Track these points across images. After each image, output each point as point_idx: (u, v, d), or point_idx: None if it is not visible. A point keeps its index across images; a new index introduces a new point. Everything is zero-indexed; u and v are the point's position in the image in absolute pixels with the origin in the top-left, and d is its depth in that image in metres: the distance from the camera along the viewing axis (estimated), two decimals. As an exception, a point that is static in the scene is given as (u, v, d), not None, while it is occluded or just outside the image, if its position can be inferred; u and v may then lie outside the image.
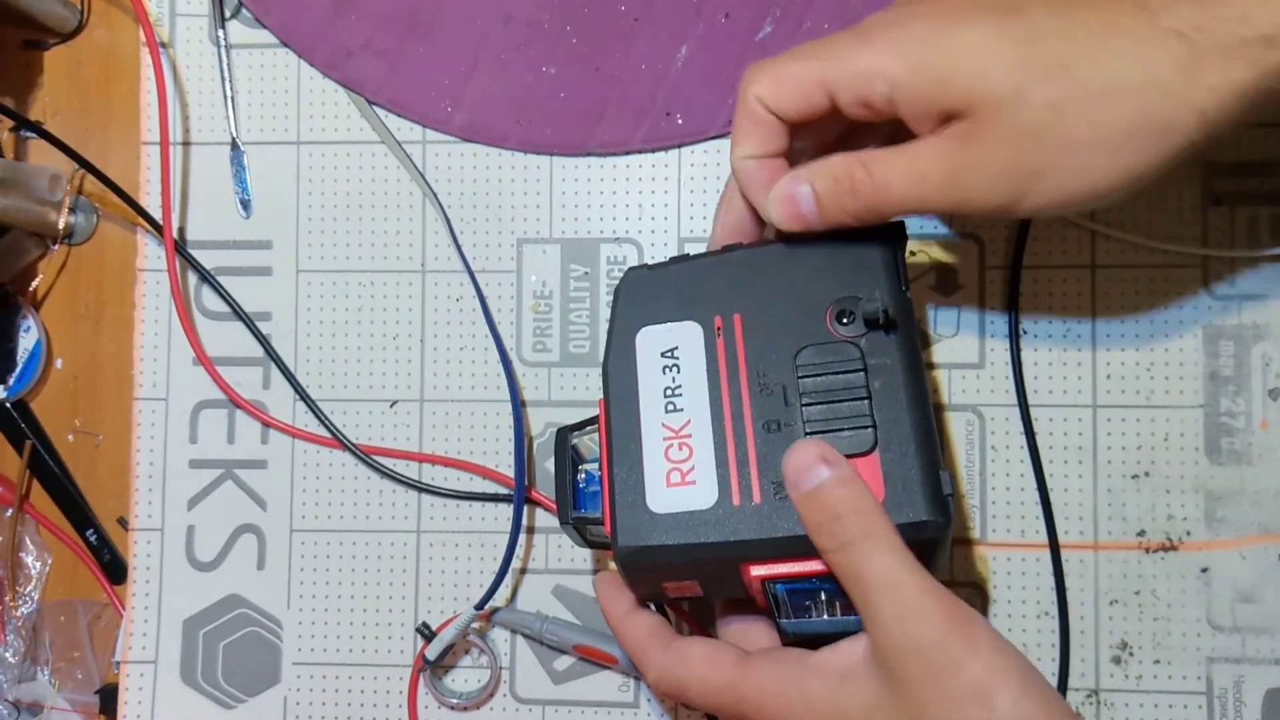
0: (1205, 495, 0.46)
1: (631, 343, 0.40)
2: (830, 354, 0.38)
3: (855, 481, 0.35)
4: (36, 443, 0.51)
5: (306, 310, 0.50)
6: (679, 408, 0.39)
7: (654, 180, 0.49)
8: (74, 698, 0.51)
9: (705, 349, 0.39)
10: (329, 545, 0.50)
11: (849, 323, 0.38)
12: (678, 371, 0.39)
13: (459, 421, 0.49)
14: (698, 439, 0.38)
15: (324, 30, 0.50)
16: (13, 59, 0.52)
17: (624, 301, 0.41)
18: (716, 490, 0.38)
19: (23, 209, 0.49)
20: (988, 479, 0.47)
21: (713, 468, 0.38)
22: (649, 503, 0.38)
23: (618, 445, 0.39)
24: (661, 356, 0.40)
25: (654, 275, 0.41)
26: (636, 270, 0.41)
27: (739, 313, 0.39)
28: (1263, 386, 0.46)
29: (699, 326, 0.40)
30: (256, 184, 0.51)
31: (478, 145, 0.50)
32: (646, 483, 0.38)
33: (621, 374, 0.40)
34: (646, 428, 0.39)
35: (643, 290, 0.41)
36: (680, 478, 0.38)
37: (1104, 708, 0.46)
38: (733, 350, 0.39)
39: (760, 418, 0.38)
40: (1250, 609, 0.46)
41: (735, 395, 0.39)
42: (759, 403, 0.38)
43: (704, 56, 0.49)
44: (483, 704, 0.48)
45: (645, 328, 0.40)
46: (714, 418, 0.39)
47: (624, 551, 0.38)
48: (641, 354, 0.40)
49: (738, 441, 0.38)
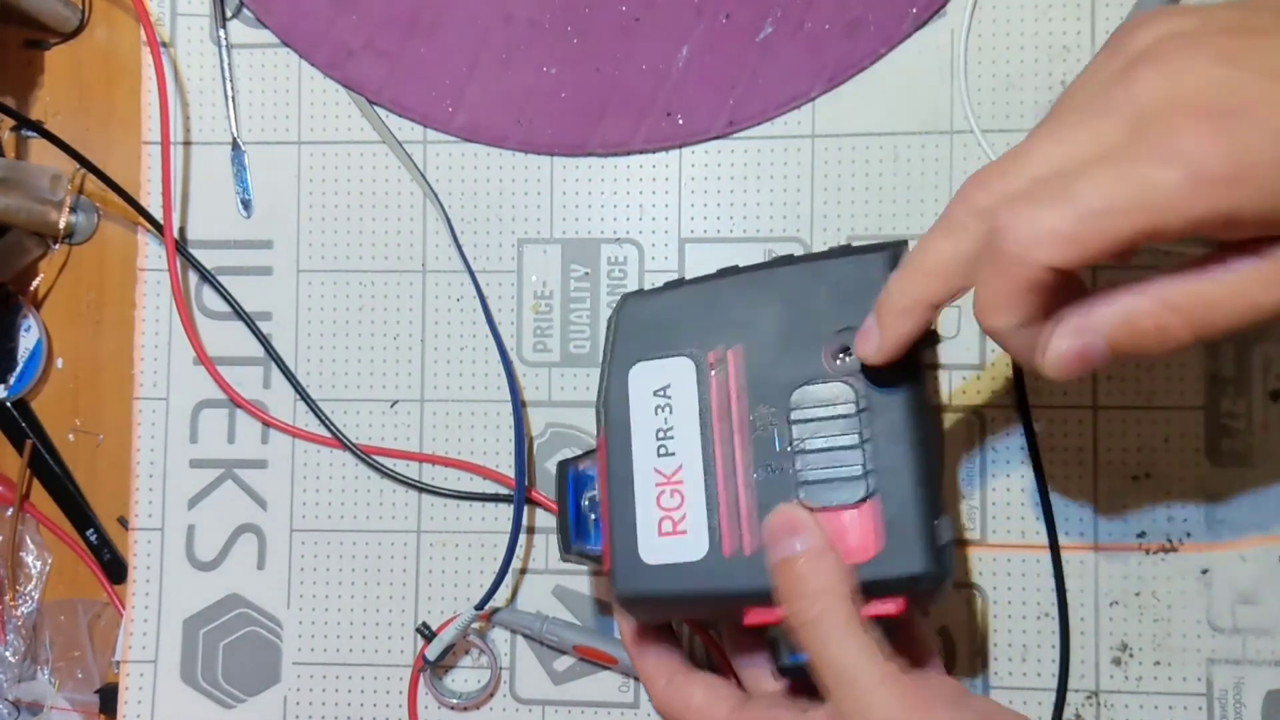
0: (1206, 497, 0.46)
1: (625, 380, 0.39)
2: (826, 394, 0.37)
3: (823, 557, 0.35)
4: (37, 442, 0.51)
5: (307, 310, 0.50)
6: (671, 451, 0.38)
7: (654, 180, 0.49)
8: (74, 697, 0.51)
9: (698, 386, 0.38)
10: (329, 545, 0.50)
11: (845, 359, 0.37)
12: (670, 412, 0.38)
13: (459, 421, 0.49)
14: (689, 486, 0.38)
15: (325, 30, 0.50)
16: (14, 58, 0.52)
17: (618, 335, 0.40)
18: (707, 542, 0.37)
19: (24, 208, 0.49)
20: (988, 480, 0.47)
21: (704, 517, 0.37)
22: (641, 552, 0.38)
23: (614, 488, 0.39)
24: (654, 395, 0.39)
25: (648, 304, 0.40)
26: (631, 298, 0.40)
27: (734, 346, 0.38)
28: (1263, 388, 0.46)
29: (692, 363, 0.38)
30: (257, 184, 0.51)
31: (478, 145, 0.50)
32: (639, 531, 0.38)
33: (616, 414, 0.39)
34: (639, 472, 0.38)
35: (637, 321, 0.39)
36: (672, 527, 0.38)
37: (1104, 709, 0.46)
38: (725, 389, 0.38)
39: (753, 463, 0.37)
40: (1250, 610, 0.46)
41: (727, 439, 0.38)
42: (751, 447, 0.37)
43: (705, 57, 0.49)
44: (483, 704, 0.48)
45: (639, 363, 0.39)
46: (705, 463, 0.38)
47: (620, 597, 0.38)
48: (634, 392, 0.39)
49: (729, 489, 0.37)
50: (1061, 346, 0.32)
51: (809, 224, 0.48)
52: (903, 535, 0.35)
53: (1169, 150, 0.29)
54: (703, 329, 0.39)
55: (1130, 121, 0.30)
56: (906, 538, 0.35)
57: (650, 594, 0.38)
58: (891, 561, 0.35)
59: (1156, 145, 0.29)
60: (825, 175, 0.48)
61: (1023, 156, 0.32)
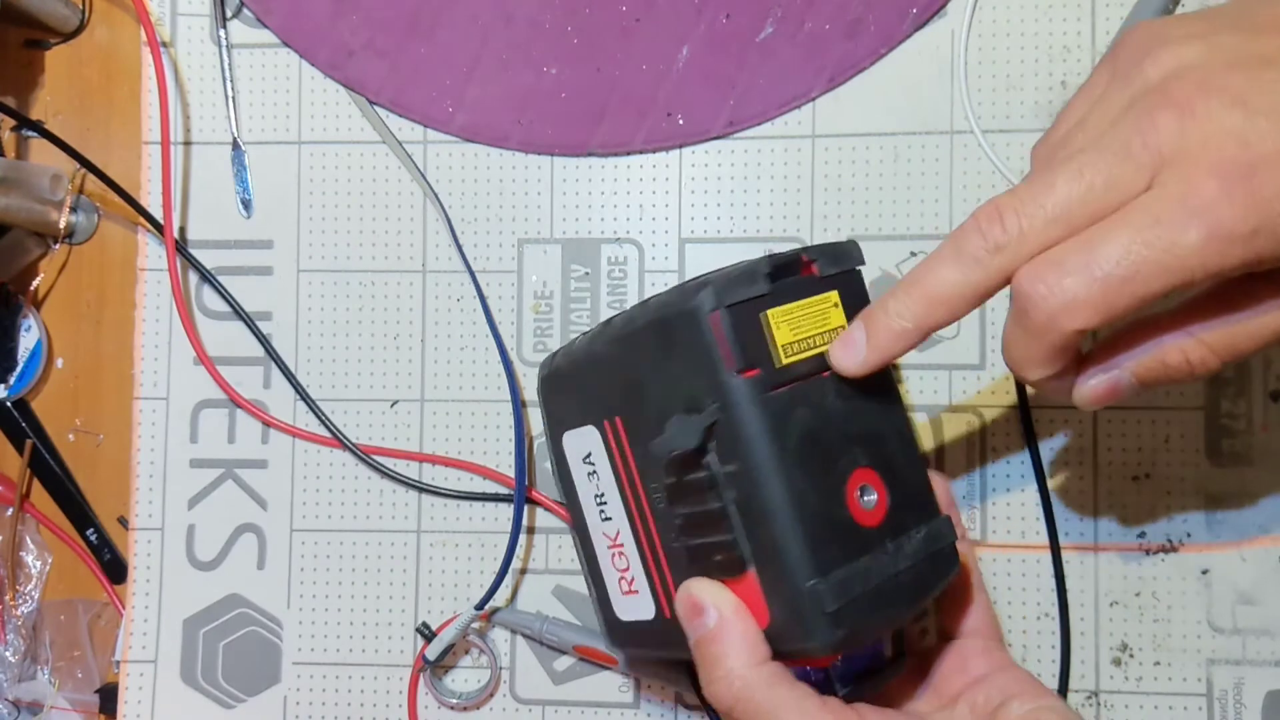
0: (1206, 497, 0.46)
1: (562, 448, 0.39)
2: (684, 466, 0.34)
3: (727, 634, 0.34)
4: (37, 442, 0.51)
5: (307, 310, 0.50)
6: (609, 516, 0.38)
7: (655, 180, 0.49)
8: (74, 697, 0.51)
9: (608, 456, 0.37)
10: (329, 545, 0.49)
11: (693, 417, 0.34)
12: (599, 479, 0.38)
13: (459, 421, 0.49)
14: (629, 549, 0.37)
15: (325, 30, 0.50)
16: (14, 58, 0.52)
17: (546, 404, 0.40)
18: (653, 604, 0.37)
19: (24, 208, 0.49)
20: (988, 480, 0.47)
21: (645, 580, 0.37)
22: (616, 610, 0.38)
23: (584, 549, 0.39)
24: (584, 463, 0.38)
25: (558, 372, 0.39)
26: (546, 365, 0.40)
27: (618, 414, 0.36)
28: (1263, 389, 0.46)
29: (598, 432, 0.37)
30: (257, 184, 0.51)
31: (479, 145, 0.50)
32: (609, 590, 0.38)
33: (565, 480, 0.40)
34: (594, 535, 0.39)
35: (554, 389, 0.39)
36: (627, 587, 0.38)
37: (1104, 709, 0.46)
38: (625, 458, 0.37)
39: (662, 530, 0.36)
40: (1250, 611, 0.46)
41: (638, 506, 0.37)
42: (657, 513, 0.36)
43: (705, 57, 0.49)
44: (483, 704, 0.48)
45: (567, 432, 0.39)
46: (631, 528, 0.37)
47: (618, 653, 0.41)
48: (571, 459, 0.39)
49: (653, 554, 0.37)
50: (1092, 384, 0.34)
51: (809, 224, 0.48)
52: (789, 604, 0.33)
53: (1189, 208, 0.29)
54: (597, 396, 0.37)
55: (1149, 170, 0.30)
56: (790, 610, 0.33)
57: (628, 651, 0.39)
58: (782, 634, 0.33)
59: (1177, 203, 0.29)
60: (825, 175, 0.48)
61: (1040, 193, 0.32)
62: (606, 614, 0.39)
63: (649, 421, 0.35)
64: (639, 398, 0.35)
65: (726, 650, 0.34)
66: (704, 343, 0.33)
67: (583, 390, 0.37)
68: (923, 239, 0.48)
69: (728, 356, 0.33)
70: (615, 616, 0.38)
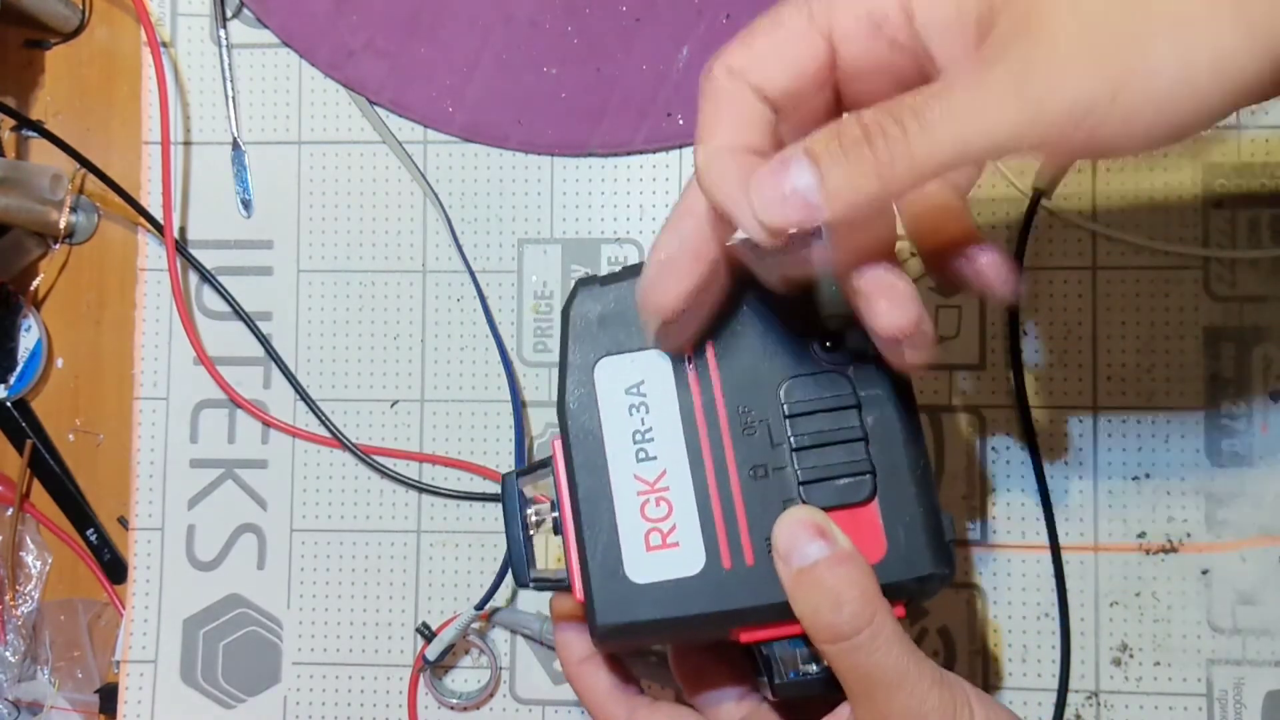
0: (1206, 497, 0.46)
1: (591, 377, 0.35)
2: (819, 387, 0.34)
3: (854, 560, 0.31)
4: (37, 442, 0.51)
5: (307, 310, 0.50)
6: (651, 455, 0.34)
7: (655, 181, 0.49)
8: (74, 697, 0.51)
9: (676, 383, 0.34)
10: (329, 545, 0.49)
11: (835, 347, 0.34)
12: (646, 412, 0.34)
13: (459, 421, 0.49)
14: (676, 492, 0.34)
15: (325, 30, 0.50)
16: (14, 58, 0.52)
17: (577, 326, 0.35)
18: (704, 553, 0.33)
19: (24, 208, 0.49)
20: (988, 480, 0.47)
21: (697, 526, 0.34)
22: (628, 571, 0.33)
23: (586, 502, 0.34)
24: (626, 394, 0.34)
25: (608, 291, 0.35)
26: (587, 285, 0.35)
27: (710, 338, 0.34)
28: (1263, 388, 0.46)
29: (666, 357, 0.34)
30: (257, 184, 0.51)
31: (479, 145, 0.50)
32: (623, 547, 0.34)
33: (583, 416, 0.34)
34: (617, 481, 0.34)
35: (596, 311, 0.35)
36: (661, 540, 0.34)
37: (1104, 709, 0.46)
38: (708, 384, 0.34)
39: (745, 463, 0.34)
40: (1251, 611, 0.46)
41: (715, 438, 0.34)
42: (742, 446, 0.34)
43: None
44: (483, 704, 0.48)
45: (605, 358, 0.35)
46: (693, 466, 0.34)
47: (605, 630, 0.33)
48: (603, 391, 0.35)
49: (722, 493, 0.34)
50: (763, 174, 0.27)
51: (809, 224, 0.48)
52: (910, 534, 0.33)
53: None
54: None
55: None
56: (914, 536, 0.33)
57: (643, 621, 0.33)
58: (900, 563, 0.33)
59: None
60: (825, 175, 0.48)
61: None
62: (608, 583, 0.33)
63: (752, 346, 0.34)
64: (742, 323, 0.34)
65: (853, 576, 0.31)
66: None
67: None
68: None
69: None
70: (625, 581, 0.33)
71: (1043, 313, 0.47)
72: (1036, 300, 0.47)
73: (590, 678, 0.36)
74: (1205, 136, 0.28)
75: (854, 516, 0.33)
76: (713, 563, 0.33)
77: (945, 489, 0.47)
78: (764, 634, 0.34)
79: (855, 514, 0.33)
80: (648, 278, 0.32)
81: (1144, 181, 0.47)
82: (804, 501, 0.33)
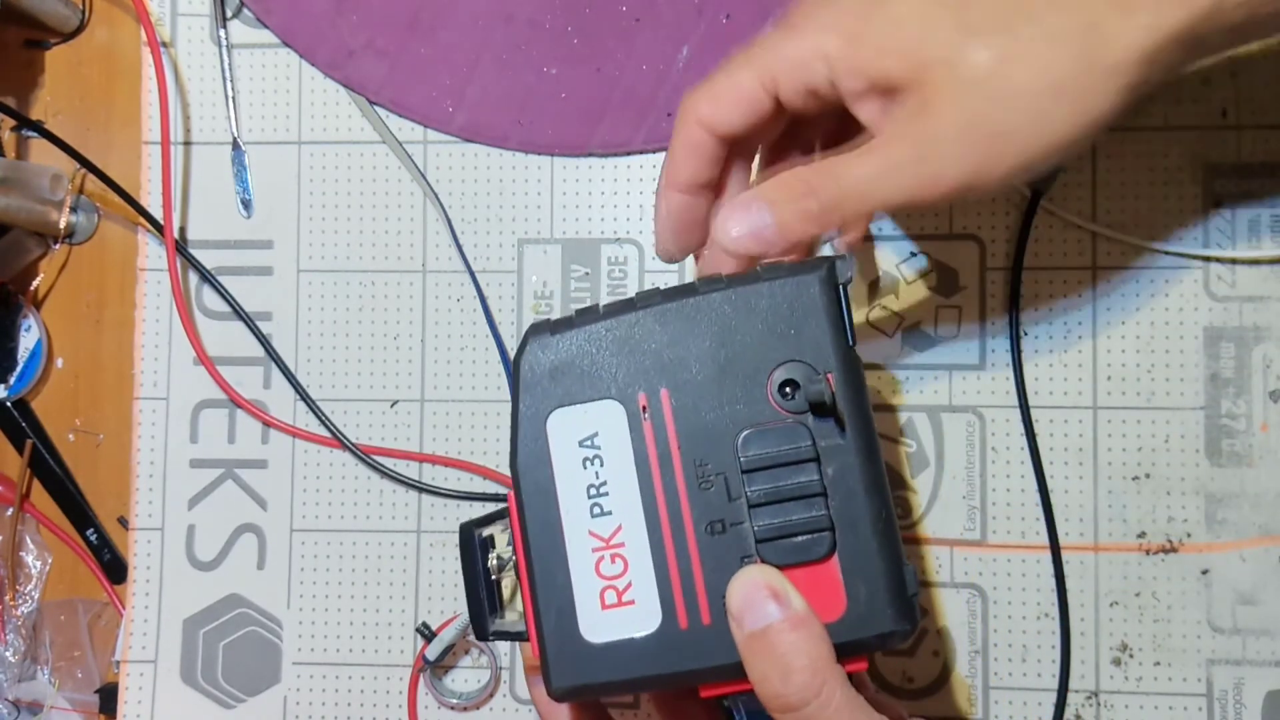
0: (1206, 497, 0.46)
1: (544, 430, 0.34)
2: (777, 439, 0.33)
3: (807, 625, 0.31)
4: (37, 442, 0.51)
5: (307, 310, 0.50)
6: (607, 510, 0.33)
7: (655, 181, 0.49)
8: (74, 697, 0.51)
9: (630, 434, 0.34)
10: (329, 545, 0.50)
11: (793, 395, 0.33)
12: (601, 465, 0.33)
13: (459, 421, 0.49)
14: (632, 548, 0.33)
15: (325, 30, 0.50)
16: (14, 58, 0.52)
17: (528, 377, 0.34)
18: (660, 611, 0.33)
19: (24, 208, 0.49)
20: (988, 480, 0.47)
21: (653, 583, 0.33)
22: (584, 631, 0.33)
23: (539, 560, 0.33)
24: (580, 446, 0.34)
25: (560, 340, 0.34)
26: (538, 333, 0.34)
27: (665, 386, 0.33)
28: (1263, 388, 0.46)
29: (620, 406, 0.34)
30: (257, 184, 0.51)
31: (479, 145, 0.50)
32: (578, 606, 0.33)
33: (535, 470, 0.34)
34: (571, 537, 0.33)
35: (548, 361, 0.34)
36: (616, 597, 0.33)
37: (1104, 709, 0.46)
38: (663, 435, 0.33)
39: (702, 519, 0.33)
40: (1250, 611, 0.46)
41: (671, 491, 0.33)
42: (699, 500, 0.33)
43: (705, 57, 0.49)
44: (483, 704, 0.48)
45: (557, 410, 0.34)
46: (649, 521, 0.33)
47: (560, 692, 0.33)
48: (555, 444, 0.34)
49: (678, 550, 0.33)
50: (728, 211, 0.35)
51: (809, 224, 0.48)
52: (871, 591, 0.32)
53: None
54: (624, 368, 0.34)
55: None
56: (875, 593, 0.32)
57: (599, 683, 0.33)
58: (860, 620, 0.32)
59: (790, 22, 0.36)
60: (825, 175, 0.48)
61: None
62: (562, 642, 0.33)
63: (708, 396, 0.33)
64: (697, 371, 0.34)
65: (810, 638, 0.31)
66: (834, 313, 0.33)
67: (601, 359, 0.34)
68: (922, 238, 0.48)
69: (850, 330, 0.34)
70: (579, 641, 0.33)
71: (1043, 313, 0.47)
72: (1037, 300, 0.47)
73: (562, 717, 0.37)
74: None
75: (813, 574, 0.32)
76: (669, 622, 0.33)
77: (945, 489, 0.47)
78: (724, 690, 0.33)
79: (814, 571, 0.32)
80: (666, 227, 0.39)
81: (1144, 181, 0.47)
82: (761, 559, 0.33)
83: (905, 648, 0.47)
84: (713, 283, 0.34)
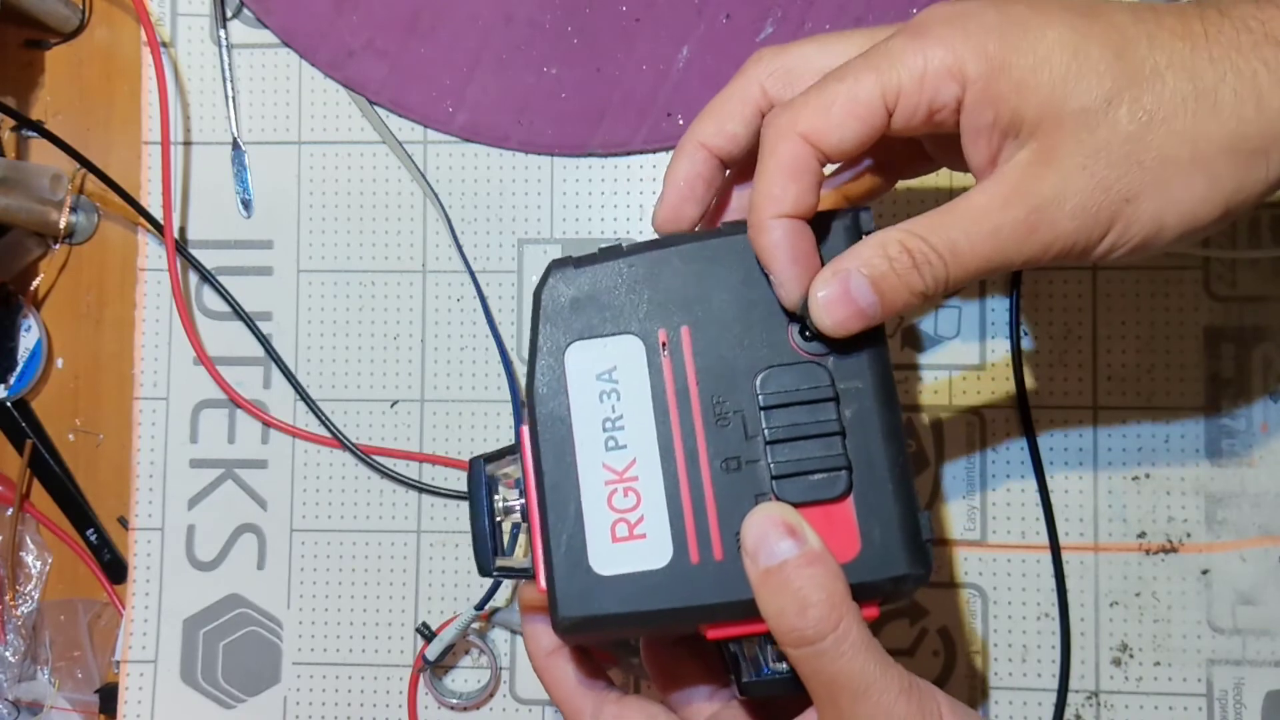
0: (1206, 497, 0.46)
1: (561, 362, 0.34)
2: (795, 378, 0.33)
3: (823, 561, 0.31)
4: (37, 442, 0.51)
5: (307, 310, 0.50)
6: (621, 444, 0.33)
7: (655, 181, 0.49)
8: (74, 697, 0.51)
9: (649, 370, 0.34)
10: (329, 545, 0.50)
11: (814, 337, 0.33)
12: (618, 399, 0.34)
13: (459, 421, 0.49)
14: (645, 483, 0.33)
15: (325, 30, 0.50)
16: (14, 58, 0.52)
17: (548, 308, 0.34)
18: (671, 546, 0.33)
19: (24, 208, 0.49)
20: (988, 480, 0.47)
21: (665, 518, 0.33)
22: (593, 563, 0.33)
23: (552, 491, 0.33)
24: (598, 380, 0.34)
25: (581, 275, 0.34)
26: (561, 266, 0.34)
27: (686, 324, 0.34)
28: (1263, 388, 0.46)
29: (640, 342, 0.34)
30: (257, 184, 0.51)
31: (479, 145, 0.50)
32: (588, 537, 0.33)
33: (551, 401, 0.34)
34: (585, 469, 0.33)
35: (569, 294, 0.34)
36: (628, 531, 0.33)
37: (1104, 709, 0.46)
38: (682, 372, 0.33)
39: (717, 455, 0.33)
40: (1251, 611, 0.46)
41: (687, 428, 0.33)
42: (715, 436, 0.33)
43: (705, 57, 0.49)
44: (483, 704, 0.48)
45: (576, 343, 0.34)
46: (663, 456, 0.33)
47: (566, 622, 0.33)
48: (573, 376, 0.34)
49: (692, 485, 0.33)
50: (829, 292, 0.32)
51: (809, 224, 0.48)
52: (885, 533, 0.32)
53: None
54: (646, 305, 0.34)
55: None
56: (889, 536, 0.32)
57: (607, 614, 0.32)
58: (874, 562, 0.32)
59: (917, 29, 0.32)
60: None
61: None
62: (571, 573, 0.33)
63: (728, 335, 0.34)
64: (719, 311, 0.34)
65: (821, 577, 0.31)
66: None
67: (623, 295, 0.34)
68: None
69: None
70: (589, 572, 0.32)
71: (1043, 313, 0.47)
72: (1036, 300, 0.47)
73: (557, 670, 0.36)
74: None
75: (828, 513, 0.33)
76: (680, 556, 0.33)
77: (945, 489, 0.47)
78: (731, 631, 0.33)
79: (829, 510, 0.33)
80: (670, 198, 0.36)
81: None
82: (776, 497, 0.33)
83: (906, 647, 0.47)
84: (738, 225, 0.34)
